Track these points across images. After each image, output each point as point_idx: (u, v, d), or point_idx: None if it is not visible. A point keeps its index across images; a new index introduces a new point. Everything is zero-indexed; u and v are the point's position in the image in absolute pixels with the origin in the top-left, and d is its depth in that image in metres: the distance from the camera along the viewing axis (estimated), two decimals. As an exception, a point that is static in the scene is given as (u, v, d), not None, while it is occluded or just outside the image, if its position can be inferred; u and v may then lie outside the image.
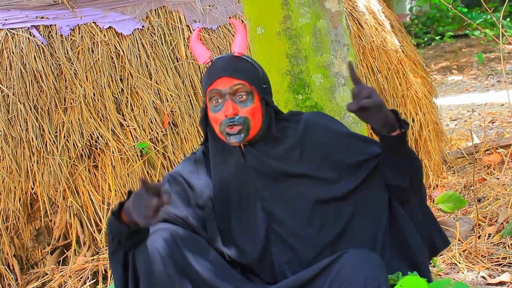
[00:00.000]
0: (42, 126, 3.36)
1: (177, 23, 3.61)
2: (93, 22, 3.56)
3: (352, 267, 1.76)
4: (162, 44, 3.54)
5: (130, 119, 3.40)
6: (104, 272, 3.17)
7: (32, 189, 3.32)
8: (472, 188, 3.85)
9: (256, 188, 2.00)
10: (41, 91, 3.41)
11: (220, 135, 1.95)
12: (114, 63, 3.47)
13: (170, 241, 1.90)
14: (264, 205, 1.99)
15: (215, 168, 2.04)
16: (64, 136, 3.35)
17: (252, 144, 1.98)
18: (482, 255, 2.92)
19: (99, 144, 3.36)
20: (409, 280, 1.79)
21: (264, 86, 1.98)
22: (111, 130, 3.37)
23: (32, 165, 3.31)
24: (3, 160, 3.31)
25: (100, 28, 3.53)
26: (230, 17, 3.67)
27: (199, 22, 3.62)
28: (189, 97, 3.47)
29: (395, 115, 1.82)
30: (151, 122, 3.41)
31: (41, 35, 3.49)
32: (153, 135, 3.39)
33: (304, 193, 1.96)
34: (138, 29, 3.55)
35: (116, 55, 3.49)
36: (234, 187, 2.01)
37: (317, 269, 1.81)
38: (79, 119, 3.37)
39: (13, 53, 3.45)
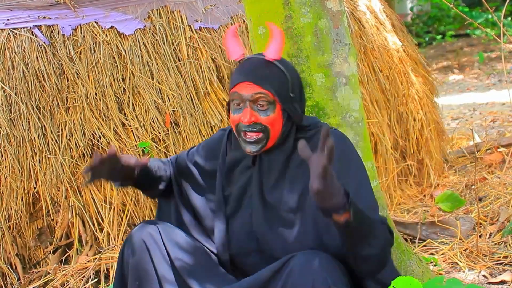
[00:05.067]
0: (44, 125, 3.37)
1: (179, 23, 3.61)
2: (95, 22, 3.56)
3: (300, 271, 1.72)
4: (163, 43, 3.55)
5: (132, 119, 3.41)
6: (106, 271, 3.18)
7: (34, 188, 3.33)
8: (473, 187, 3.85)
9: (252, 193, 1.98)
10: (43, 91, 3.42)
11: (237, 135, 1.93)
12: (116, 63, 3.48)
13: (155, 235, 1.99)
14: (253, 212, 1.98)
15: (230, 158, 2.05)
16: (66, 136, 3.36)
17: (265, 152, 1.94)
18: (483, 254, 2.93)
19: (101, 143, 3.37)
20: (402, 281, 1.77)
21: (292, 95, 1.90)
22: (113, 130, 3.38)
23: (34, 164, 3.32)
24: (5, 159, 3.32)
25: (102, 28, 3.54)
26: (231, 16, 3.69)
27: (200, 21, 3.63)
28: (191, 97, 3.48)
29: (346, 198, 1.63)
30: (153, 122, 3.42)
31: (43, 35, 3.50)
32: (155, 134, 3.40)
33: (292, 227, 1.93)
34: (139, 28, 3.56)
35: (118, 55, 3.50)
36: (237, 182, 2.02)
37: (270, 272, 1.79)
38: (81, 119, 3.37)
39: (15, 53, 3.45)
